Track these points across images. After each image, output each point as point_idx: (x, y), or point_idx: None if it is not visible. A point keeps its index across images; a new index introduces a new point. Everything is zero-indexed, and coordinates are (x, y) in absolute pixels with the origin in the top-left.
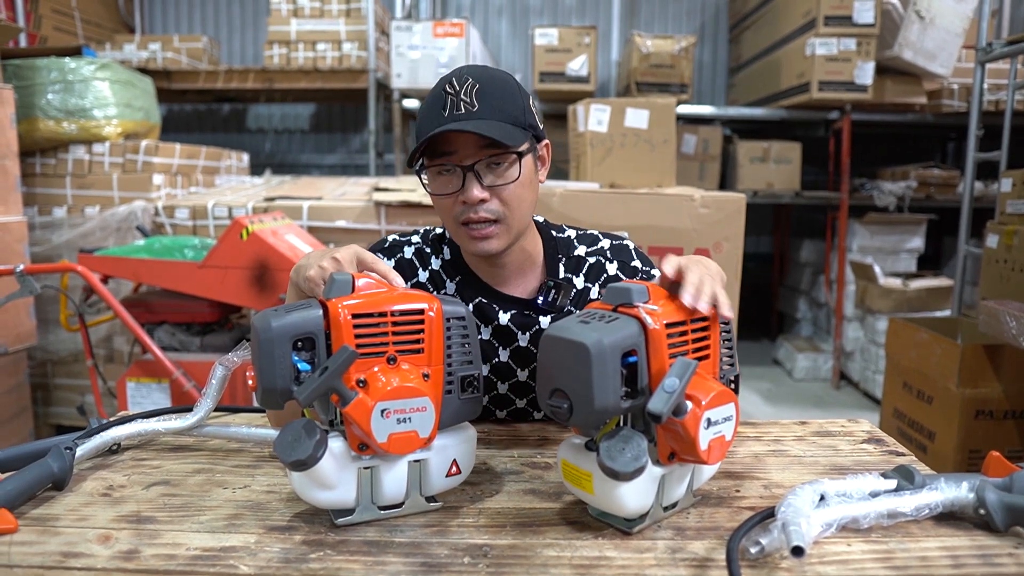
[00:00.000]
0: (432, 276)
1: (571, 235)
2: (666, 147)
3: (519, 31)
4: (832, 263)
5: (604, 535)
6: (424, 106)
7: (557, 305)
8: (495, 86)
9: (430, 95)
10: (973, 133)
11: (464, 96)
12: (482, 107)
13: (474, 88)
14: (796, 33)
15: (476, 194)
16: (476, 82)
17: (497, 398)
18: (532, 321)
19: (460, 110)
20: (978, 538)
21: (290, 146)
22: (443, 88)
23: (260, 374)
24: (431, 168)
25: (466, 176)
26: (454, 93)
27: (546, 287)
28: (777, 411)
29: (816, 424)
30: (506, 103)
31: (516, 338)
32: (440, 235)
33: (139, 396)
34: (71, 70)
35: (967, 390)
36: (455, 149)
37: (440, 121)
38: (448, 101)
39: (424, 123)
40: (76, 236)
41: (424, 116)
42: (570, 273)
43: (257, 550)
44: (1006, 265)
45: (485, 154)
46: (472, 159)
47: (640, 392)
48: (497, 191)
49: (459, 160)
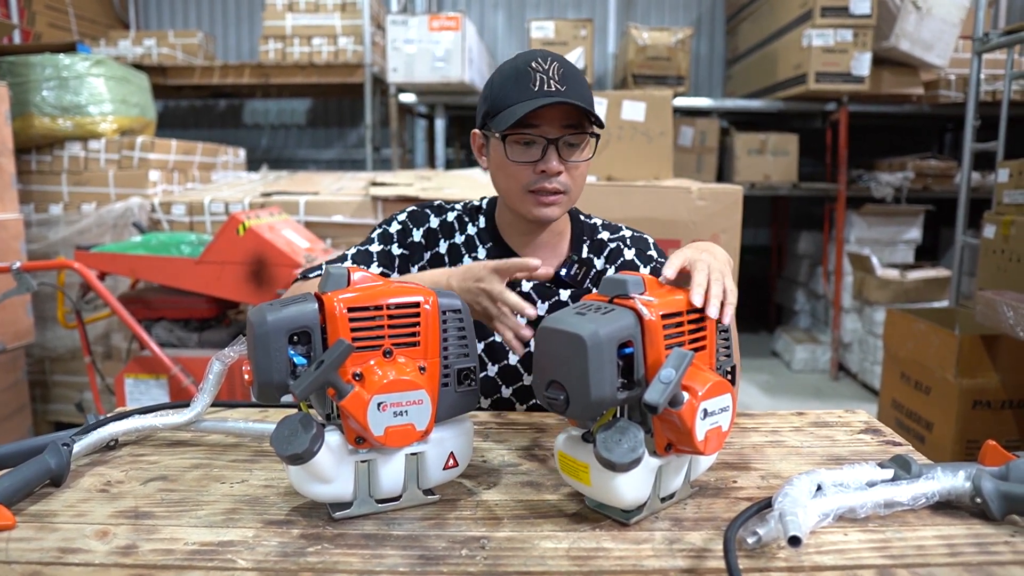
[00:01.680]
0: (467, 240)
1: (597, 222)
2: (663, 139)
3: (515, 24)
4: (830, 255)
5: (601, 526)
6: (503, 79)
7: (578, 280)
8: (575, 72)
9: (508, 70)
10: (970, 124)
11: (552, 75)
12: (568, 89)
13: (560, 70)
14: (793, 24)
15: (556, 166)
16: (560, 64)
17: (506, 371)
18: (552, 292)
19: (550, 87)
20: (974, 527)
21: (287, 141)
22: (528, 64)
23: (256, 368)
24: (513, 136)
25: (547, 148)
26: (542, 71)
27: (570, 261)
28: (775, 403)
29: (813, 415)
30: (585, 89)
31: (535, 306)
32: (477, 207)
33: (137, 392)
34: (66, 67)
35: (965, 380)
36: (541, 123)
37: (530, 94)
38: (537, 78)
39: (510, 94)
40: (73, 233)
41: (508, 89)
42: (592, 254)
43: (255, 544)
44: (1003, 255)
45: (567, 132)
46: (556, 134)
47: (636, 383)
48: (570, 167)
49: (544, 133)
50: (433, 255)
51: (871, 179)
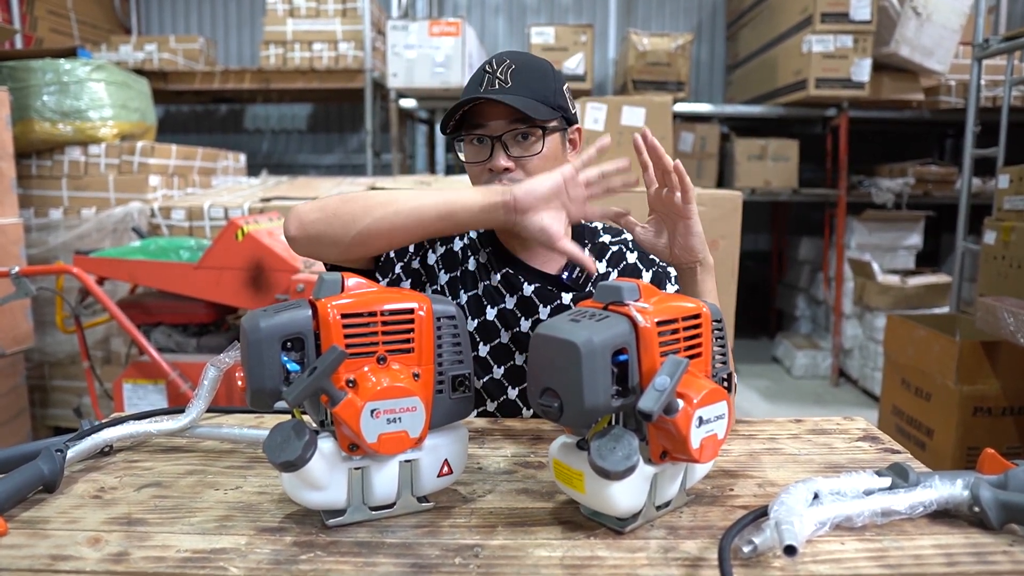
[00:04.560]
0: (467, 244)
1: (598, 225)
2: (663, 145)
3: (516, 29)
4: (830, 260)
5: (596, 535)
6: (467, 83)
7: (580, 284)
8: (530, 68)
9: (471, 76)
10: (970, 129)
11: (500, 75)
12: (514, 84)
13: (510, 68)
14: (793, 30)
15: (501, 163)
16: (513, 63)
17: (512, 371)
18: (554, 295)
19: (494, 86)
20: (972, 536)
21: (287, 146)
22: (484, 67)
23: (249, 375)
24: (466, 138)
25: (494, 146)
26: (491, 72)
27: (572, 264)
28: (776, 408)
29: (811, 422)
30: (537, 83)
31: (538, 310)
32: None
33: (136, 398)
34: (66, 71)
35: (965, 387)
36: (487, 121)
37: (474, 94)
38: (485, 78)
39: (463, 96)
40: (72, 238)
41: (464, 91)
42: (594, 257)
43: (247, 551)
44: (1004, 261)
45: (513, 127)
46: (501, 131)
47: (631, 391)
48: (522, 163)
49: (490, 131)
50: (427, 261)
51: (872, 185)
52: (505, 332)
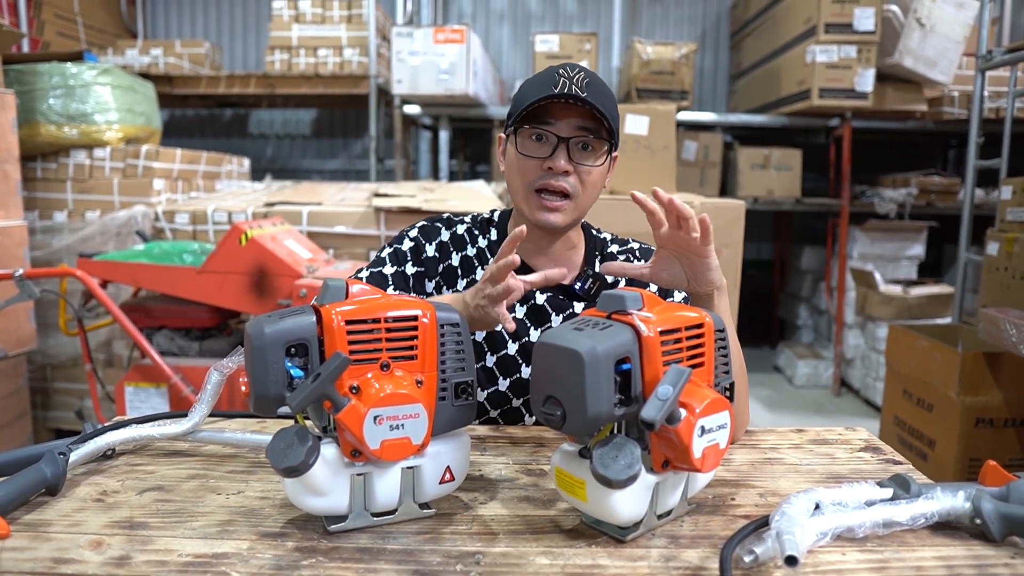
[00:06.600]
0: (479, 253)
1: (607, 236)
2: (666, 153)
3: (520, 37)
4: (833, 270)
5: (598, 543)
6: (530, 83)
7: (591, 294)
8: (601, 85)
9: (537, 75)
10: (973, 140)
11: (576, 82)
12: (590, 96)
13: (585, 79)
14: (797, 40)
15: (562, 163)
16: (586, 75)
17: (519, 383)
18: (566, 305)
19: (571, 90)
20: (974, 548)
21: (292, 151)
22: (555, 71)
23: (253, 380)
24: (528, 131)
25: (558, 146)
26: (567, 76)
27: (585, 274)
28: (777, 418)
29: (813, 432)
30: (607, 100)
31: (549, 318)
32: (487, 219)
33: (138, 401)
34: (72, 75)
35: (967, 398)
36: (556, 120)
37: (550, 92)
38: (560, 80)
39: (532, 93)
40: (76, 241)
41: (532, 88)
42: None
43: (249, 556)
44: (1006, 273)
45: (582, 134)
46: (569, 133)
47: (634, 399)
48: (580, 170)
49: (558, 131)
50: (446, 268)
51: (874, 195)
52: (513, 343)
